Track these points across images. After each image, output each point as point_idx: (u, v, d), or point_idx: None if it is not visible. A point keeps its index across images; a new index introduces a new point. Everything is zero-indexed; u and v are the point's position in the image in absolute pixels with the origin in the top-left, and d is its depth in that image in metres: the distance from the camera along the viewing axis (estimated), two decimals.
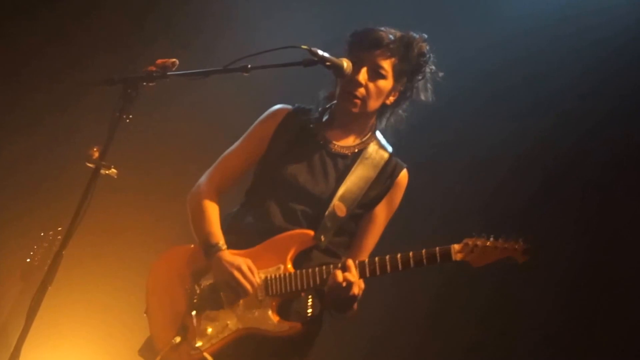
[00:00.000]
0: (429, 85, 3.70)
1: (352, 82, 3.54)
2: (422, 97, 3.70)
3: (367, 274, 3.44)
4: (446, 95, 3.75)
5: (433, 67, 3.68)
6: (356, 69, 3.54)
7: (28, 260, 4.92)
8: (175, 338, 3.50)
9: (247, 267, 3.47)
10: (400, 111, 3.73)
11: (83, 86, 4.71)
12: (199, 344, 3.49)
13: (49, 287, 3.07)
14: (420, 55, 3.63)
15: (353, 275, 3.39)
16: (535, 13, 5.33)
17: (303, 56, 3.38)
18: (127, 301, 5.07)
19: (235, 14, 5.64)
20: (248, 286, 3.45)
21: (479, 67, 5.32)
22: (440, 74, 3.70)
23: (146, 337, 3.67)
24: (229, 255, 3.51)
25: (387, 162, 3.67)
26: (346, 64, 3.48)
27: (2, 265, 5.24)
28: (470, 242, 3.32)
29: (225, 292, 3.51)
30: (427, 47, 3.65)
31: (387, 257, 3.42)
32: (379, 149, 3.69)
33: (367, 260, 3.45)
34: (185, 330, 3.52)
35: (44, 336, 4.59)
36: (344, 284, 3.38)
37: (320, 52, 3.38)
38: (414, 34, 3.64)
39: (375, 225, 3.70)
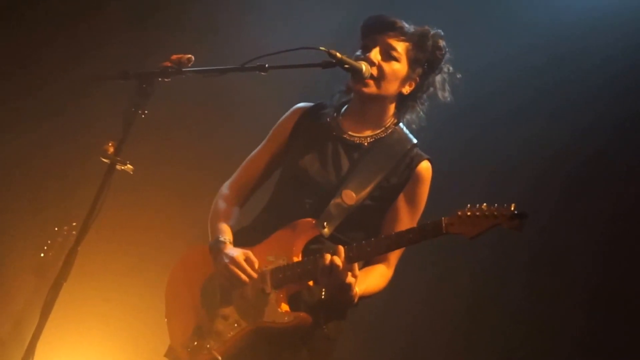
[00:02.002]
0: (447, 86, 3.65)
1: (365, 61, 3.50)
2: (440, 96, 3.65)
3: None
4: (468, 100, 3.71)
5: (450, 68, 3.65)
6: (369, 50, 3.53)
7: (42, 255, 4.91)
8: (190, 341, 3.49)
9: (245, 257, 3.43)
10: (418, 108, 3.67)
11: (98, 80, 4.69)
12: (210, 343, 3.47)
13: (64, 283, 3.06)
14: (436, 47, 3.60)
15: (340, 259, 3.30)
16: (561, 22, 5.31)
17: (321, 57, 3.35)
18: (143, 298, 5.07)
19: (253, 11, 5.61)
20: (242, 276, 3.41)
21: (504, 72, 5.31)
22: (459, 76, 3.66)
23: (161, 334, 3.67)
24: (227, 248, 3.49)
25: (407, 153, 3.59)
26: (365, 67, 3.46)
27: (16, 260, 5.23)
28: (460, 212, 3.23)
29: (224, 285, 3.48)
30: (444, 43, 3.62)
31: (382, 235, 3.38)
32: (401, 139, 3.61)
33: (362, 242, 3.36)
34: (199, 331, 3.50)
35: (59, 332, 4.58)
36: (330, 268, 3.29)
37: (338, 54, 3.36)
38: (430, 28, 3.61)
39: (399, 220, 3.56)
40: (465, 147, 5.34)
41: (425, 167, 3.59)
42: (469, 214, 3.21)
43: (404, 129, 3.66)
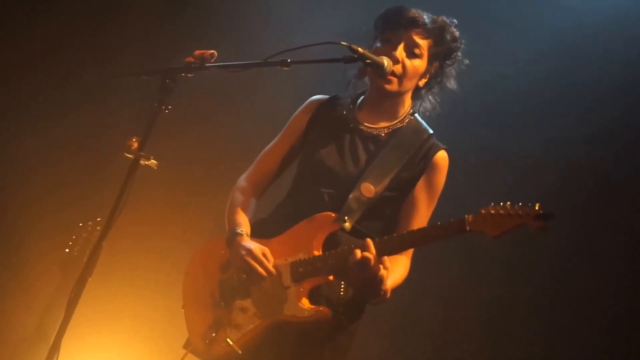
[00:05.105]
0: (453, 72, 3.67)
1: (389, 57, 3.49)
2: (449, 85, 3.67)
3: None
4: (491, 99, 3.69)
5: (459, 55, 3.66)
6: (392, 46, 3.52)
7: (67, 250, 4.93)
8: (208, 333, 3.49)
9: (262, 252, 3.43)
10: (430, 97, 3.70)
11: (121, 76, 4.71)
12: (229, 336, 3.47)
13: (89, 279, 3.07)
14: (454, 40, 3.62)
15: (371, 253, 3.29)
16: (583, 24, 5.29)
17: (343, 52, 3.35)
18: (167, 293, 5.07)
19: (276, 6, 5.62)
20: (260, 270, 3.40)
21: (526, 73, 5.30)
22: (466, 62, 3.67)
23: (184, 329, 3.67)
24: (245, 241, 3.49)
25: (423, 143, 3.59)
26: (387, 62, 3.46)
27: (41, 256, 5.26)
28: (484, 210, 3.20)
29: (242, 277, 3.48)
30: (459, 33, 3.63)
31: (405, 232, 3.37)
32: (417, 130, 3.61)
33: (385, 237, 3.36)
34: (218, 323, 3.51)
35: (84, 328, 4.60)
36: (363, 263, 3.28)
37: (360, 49, 3.36)
38: (446, 19, 3.61)
39: (417, 210, 3.58)
40: (487, 146, 5.32)
41: (441, 156, 3.60)
42: (492, 212, 3.19)
43: (419, 119, 3.67)
